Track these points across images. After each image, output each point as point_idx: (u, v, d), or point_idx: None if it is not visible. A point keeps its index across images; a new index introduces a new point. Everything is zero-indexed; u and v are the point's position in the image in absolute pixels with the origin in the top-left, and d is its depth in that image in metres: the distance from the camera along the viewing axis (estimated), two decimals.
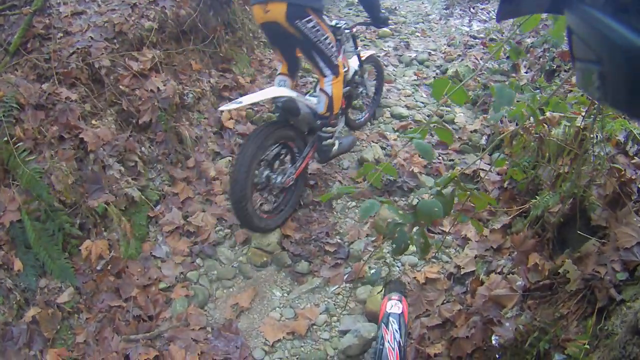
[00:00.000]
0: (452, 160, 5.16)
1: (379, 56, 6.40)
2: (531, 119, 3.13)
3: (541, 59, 6.47)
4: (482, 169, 4.58)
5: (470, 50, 7.59)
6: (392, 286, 3.10)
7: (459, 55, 7.44)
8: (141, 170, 4.41)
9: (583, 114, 3.34)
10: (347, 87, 4.58)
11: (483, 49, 7.56)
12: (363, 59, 4.91)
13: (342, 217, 4.53)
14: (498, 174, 4.32)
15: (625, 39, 0.60)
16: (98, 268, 3.81)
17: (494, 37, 7.99)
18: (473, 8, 9.52)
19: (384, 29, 7.78)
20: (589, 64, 0.73)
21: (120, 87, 4.51)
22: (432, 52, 7.69)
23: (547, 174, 3.52)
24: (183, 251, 4.19)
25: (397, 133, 5.60)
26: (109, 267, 3.85)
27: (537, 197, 3.42)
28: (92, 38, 4.49)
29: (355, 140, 4.87)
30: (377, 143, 5.34)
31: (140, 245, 4.13)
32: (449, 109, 6.11)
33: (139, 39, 4.84)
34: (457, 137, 5.49)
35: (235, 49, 6.20)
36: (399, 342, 2.34)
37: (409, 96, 6.34)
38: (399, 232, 2.06)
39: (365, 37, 8.14)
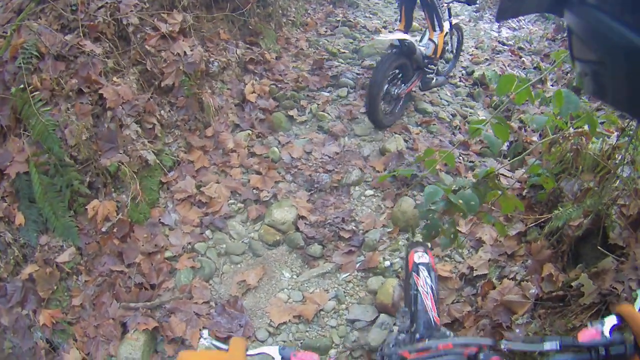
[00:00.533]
0: (472, 162, 4.83)
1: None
2: (571, 129, 3.11)
3: (569, 74, 6.22)
4: (503, 174, 4.26)
5: (498, 55, 7.27)
6: (415, 244, 2.88)
7: (486, 60, 7.09)
8: (158, 134, 4.07)
9: (616, 132, 3.32)
10: (445, 41, 5.58)
11: (511, 56, 7.26)
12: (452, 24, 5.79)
13: (358, 205, 4.19)
14: (518, 181, 4.04)
15: (625, 39, 0.58)
16: (103, 230, 3.50)
17: (522, 46, 7.72)
18: None
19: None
20: (589, 64, 0.71)
21: (146, 47, 4.14)
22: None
23: (570, 187, 3.35)
24: (193, 221, 3.87)
25: (419, 127, 5.24)
26: (114, 230, 3.54)
27: (557, 209, 3.24)
28: None
29: (446, 80, 6.01)
30: (399, 135, 4.98)
31: (149, 211, 3.81)
32: (472, 110, 5.76)
33: (171, 1, 4.47)
34: (477, 139, 5.13)
35: (264, 24, 5.83)
36: (431, 286, 2.25)
37: (433, 92, 5.97)
38: (431, 219, 2.08)
39: (393, 29, 7.74)
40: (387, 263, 3.59)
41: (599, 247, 2.70)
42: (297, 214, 3.97)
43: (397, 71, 4.94)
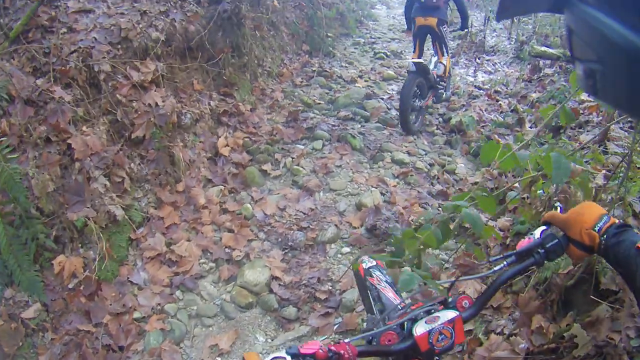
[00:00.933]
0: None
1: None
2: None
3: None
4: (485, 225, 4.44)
5: (475, 100, 7.63)
6: (357, 259, 3.10)
7: (463, 105, 7.47)
8: (127, 188, 4.22)
9: (603, 171, 3.39)
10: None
11: (487, 100, 7.60)
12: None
13: (335, 263, 4.34)
14: (500, 229, 4.20)
15: (625, 39, 0.61)
16: (69, 286, 3.59)
17: (498, 89, 8.07)
18: (479, 58, 9.72)
19: (388, 71, 8.64)
20: (589, 64, 0.75)
21: (118, 96, 4.33)
22: None
23: None
24: (162, 281, 3.97)
25: (397, 179, 5.49)
26: (81, 287, 3.62)
27: None
28: (95, 39, 4.34)
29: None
30: (376, 188, 5.21)
31: (117, 268, 3.91)
32: (449, 158, 6.06)
33: (144, 49, 4.69)
34: (457, 188, 5.40)
35: (239, 74, 6.09)
36: (386, 281, 2.42)
37: (410, 142, 6.27)
38: (396, 246, 2.12)
39: (369, 79, 8.16)
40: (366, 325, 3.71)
41: (592, 297, 2.71)
42: (271, 274, 4.09)
43: (416, 89, 6.40)
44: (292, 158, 5.52)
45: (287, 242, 4.48)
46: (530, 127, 6.42)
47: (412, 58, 6.83)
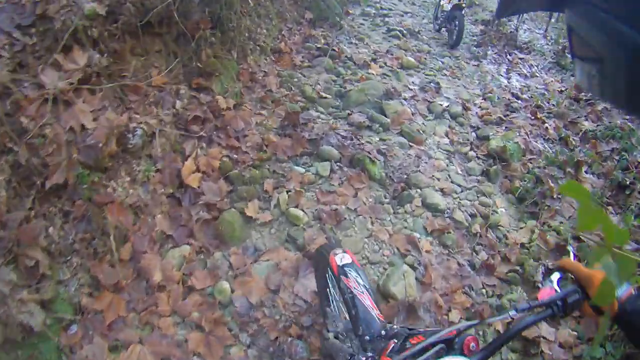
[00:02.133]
0: (499, 294, 3.75)
1: None
2: None
3: (608, 161, 5.35)
4: (544, 338, 3.41)
5: (515, 116, 6.34)
6: (328, 246, 2.81)
7: (500, 119, 6.11)
8: (46, 272, 2.64)
9: None
10: None
11: (531, 118, 6.33)
12: None
13: None
14: (560, 346, 3.37)
15: (624, 37, 0.61)
16: None
17: (540, 104, 6.81)
18: (510, 55, 8.92)
19: (408, 57, 7.65)
20: (590, 62, 0.75)
21: (22, 120, 2.62)
22: (466, 104, 6.32)
23: None
24: None
25: (430, 237, 4.00)
26: None
27: None
28: None
29: None
30: (405, 255, 3.72)
31: None
32: (490, 201, 4.64)
33: (72, 32, 2.92)
34: (504, 251, 4.07)
35: (223, 54, 4.35)
36: (364, 285, 2.26)
37: (442, 170, 4.82)
38: None
39: (385, 64, 6.84)
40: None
41: None
42: None
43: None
44: (289, 192, 3.93)
45: (283, 355, 2.95)
46: (586, 173, 5.25)
47: (448, 2, 8.70)
